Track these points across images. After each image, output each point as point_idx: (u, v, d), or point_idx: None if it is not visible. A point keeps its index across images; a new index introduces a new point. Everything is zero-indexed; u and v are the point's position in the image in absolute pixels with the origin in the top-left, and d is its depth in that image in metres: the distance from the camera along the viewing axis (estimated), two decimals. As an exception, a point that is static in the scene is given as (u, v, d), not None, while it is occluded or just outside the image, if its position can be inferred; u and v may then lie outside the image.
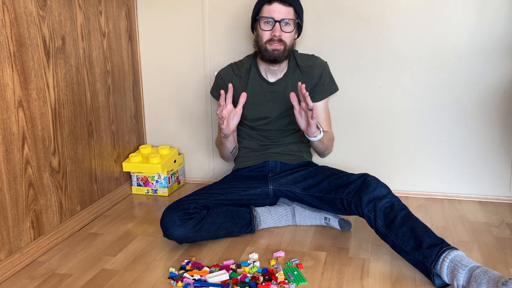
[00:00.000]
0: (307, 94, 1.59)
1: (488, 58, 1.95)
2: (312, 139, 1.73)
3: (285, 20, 1.72)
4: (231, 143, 1.85)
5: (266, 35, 1.74)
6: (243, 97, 1.68)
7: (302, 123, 1.69)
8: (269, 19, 1.72)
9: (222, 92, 1.63)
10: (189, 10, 2.18)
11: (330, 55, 2.03)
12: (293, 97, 1.65)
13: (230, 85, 1.66)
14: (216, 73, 1.94)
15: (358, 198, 1.58)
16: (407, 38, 2.00)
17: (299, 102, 1.67)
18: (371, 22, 2.01)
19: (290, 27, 1.74)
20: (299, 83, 1.62)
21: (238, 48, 2.16)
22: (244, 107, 1.85)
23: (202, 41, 2.20)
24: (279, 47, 1.73)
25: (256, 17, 1.77)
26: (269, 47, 1.73)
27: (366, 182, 1.59)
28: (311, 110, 1.59)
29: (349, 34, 2.04)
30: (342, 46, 2.06)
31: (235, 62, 1.93)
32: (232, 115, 1.70)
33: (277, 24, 1.71)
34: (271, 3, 1.71)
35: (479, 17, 1.93)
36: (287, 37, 1.74)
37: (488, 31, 1.93)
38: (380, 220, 1.51)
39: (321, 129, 1.73)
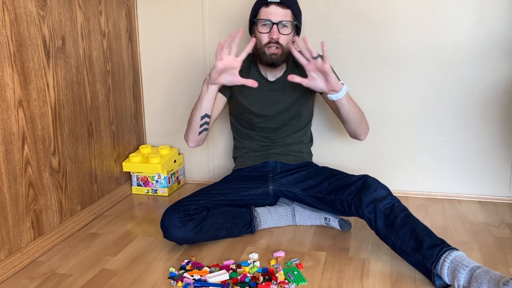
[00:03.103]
0: (306, 40, 1.55)
1: (488, 58, 1.95)
2: (339, 95, 1.62)
3: (282, 22, 1.71)
4: (207, 103, 1.69)
5: (264, 38, 1.73)
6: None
7: (320, 83, 1.61)
8: (267, 22, 1.71)
9: (227, 41, 1.58)
10: (189, 10, 2.18)
11: (330, 55, 1.99)
12: (292, 77, 1.61)
13: (240, 29, 1.59)
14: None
15: (358, 200, 1.57)
16: (407, 38, 2.00)
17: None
18: (371, 22, 2.01)
19: (287, 30, 1.73)
20: (296, 40, 1.62)
21: (238, 48, 2.15)
22: (244, 105, 1.85)
23: (202, 41, 2.20)
24: (277, 51, 1.72)
25: (253, 20, 1.76)
26: (267, 51, 1.73)
27: (366, 183, 1.59)
28: (318, 57, 1.55)
29: (349, 34, 2.04)
30: (342, 46, 2.06)
31: None
32: (228, 71, 1.63)
33: (275, 26, 1.70)
34: (268, 6, 1.70)
35: (479, 17, 1.92)
36: (285, 40, 1.73)
37: (488, 31, 1.93)
38: (380, 221, 1.51)
39: (341, 81, 1.64)
